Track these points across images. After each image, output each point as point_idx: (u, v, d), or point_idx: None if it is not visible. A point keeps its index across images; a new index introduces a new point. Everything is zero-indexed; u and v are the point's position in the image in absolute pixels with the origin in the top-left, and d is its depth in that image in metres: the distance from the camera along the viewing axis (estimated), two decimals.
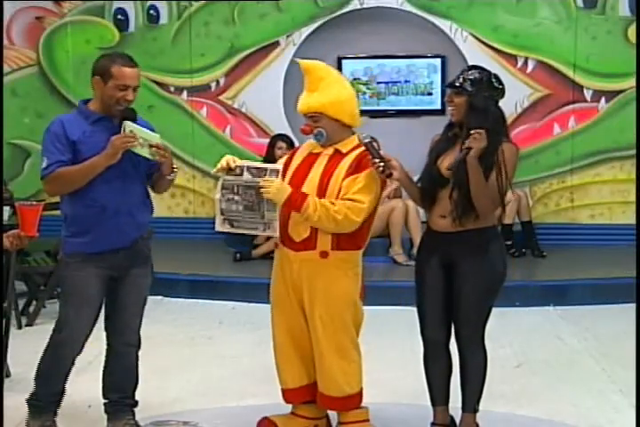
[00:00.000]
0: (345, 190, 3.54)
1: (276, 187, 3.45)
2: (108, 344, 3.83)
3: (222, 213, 3.56)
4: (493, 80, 3.56)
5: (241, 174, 3.51)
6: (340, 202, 3.51)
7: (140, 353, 3.85)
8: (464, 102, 3.52)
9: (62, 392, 3.79)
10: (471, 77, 3.53)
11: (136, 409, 3.93)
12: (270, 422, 3.85)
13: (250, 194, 3.50)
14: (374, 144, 3.50)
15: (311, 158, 3.68)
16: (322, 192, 3.56)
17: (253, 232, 3.64)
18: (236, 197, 3.52)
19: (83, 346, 3.70)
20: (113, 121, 3.60)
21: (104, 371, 3.87)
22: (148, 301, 3.83)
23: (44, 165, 3.52)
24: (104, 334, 3.81)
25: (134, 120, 3.57)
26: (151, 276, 3.83)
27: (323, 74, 3.64)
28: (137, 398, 3.87)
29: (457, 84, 3.54)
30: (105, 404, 3.89)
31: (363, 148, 3.55)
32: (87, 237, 3.57)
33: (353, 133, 3.68)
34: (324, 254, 3.59)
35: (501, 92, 3.58)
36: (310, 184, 3.59)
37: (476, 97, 3.50)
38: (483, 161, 3.43)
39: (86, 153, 3.52)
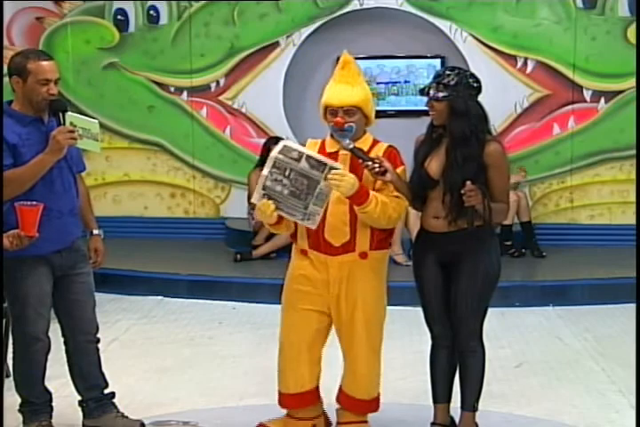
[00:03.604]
0: (386, 188, 3.50)
1: (350, 182, 3.37)
2: (67, 343, 3.81)
3: (264, 189, 3.44)
4: (470, 80, 3.52)
5: (298, 160, 3.40)
6: (390, 199, 3.49)
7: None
8: (444, 108, 3.50)
9: (48, 392, 3.78)
10: (445, 82, 3.49)
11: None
12: None
13: (301, 182, 3.40)
14: (359, 148, 3.49)
15: (330, 158, 3.53)
16: None
17: (289, 217, 3.50)
18: (285, 180, 3.41)
19: (50, 342, 3.70)
20: (43, 120, 3.57)
21: (72, 371, 3.84)
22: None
23: None
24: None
25: (66, 110, 3.49)
26: (92, 273, 3.83)
27: (359, 70, 3.61)
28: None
29: (431, 93, 3.51)
30: (84, 401, 3.87)
31: (383, 144, 3.57)
32: (35, 240, 3.37)
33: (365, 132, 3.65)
34: (363, 255, 3.59)
35: (479, 89, 3.55)
36: None
37: (455, 102, 3.47)
38: (471, 165, 3.44)
39: (26, 156, 3.47)
